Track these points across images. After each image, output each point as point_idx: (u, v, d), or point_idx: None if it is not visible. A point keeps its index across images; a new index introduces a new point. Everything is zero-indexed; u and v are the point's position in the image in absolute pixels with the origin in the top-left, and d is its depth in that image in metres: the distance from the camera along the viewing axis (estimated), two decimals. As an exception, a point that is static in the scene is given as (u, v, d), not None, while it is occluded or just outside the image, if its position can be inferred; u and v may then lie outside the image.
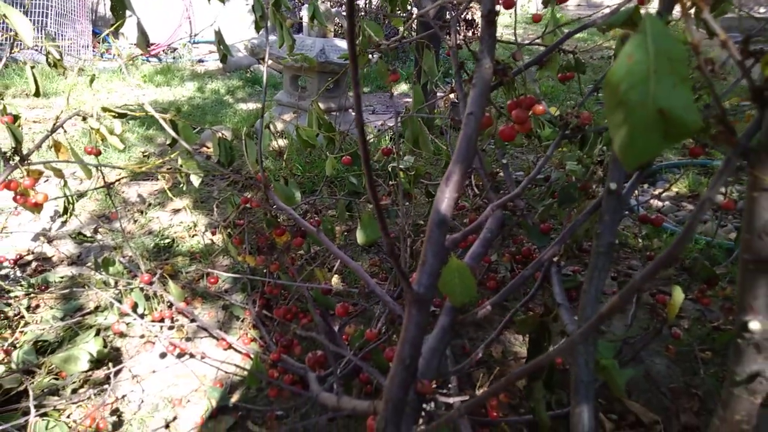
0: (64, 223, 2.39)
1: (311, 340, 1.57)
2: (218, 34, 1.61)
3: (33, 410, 1.11)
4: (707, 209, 0.34)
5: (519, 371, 0.47)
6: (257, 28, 1.73)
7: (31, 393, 1.16)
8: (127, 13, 1.24)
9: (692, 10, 0.39)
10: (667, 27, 0.36)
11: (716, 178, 0.37)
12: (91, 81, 1.71)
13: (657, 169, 3.10)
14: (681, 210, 2.75)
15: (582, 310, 0.90)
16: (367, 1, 6.81)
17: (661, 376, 1.63)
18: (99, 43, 6.27)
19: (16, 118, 1.31)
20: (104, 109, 1.43)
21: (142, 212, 2.54)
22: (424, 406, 0.83)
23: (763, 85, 0.38)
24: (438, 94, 4.10)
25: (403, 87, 5.39)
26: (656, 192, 2.89)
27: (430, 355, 0.88)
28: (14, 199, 1.13)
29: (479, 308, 0.88)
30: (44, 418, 1.25)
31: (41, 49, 4.83)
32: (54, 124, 1.22)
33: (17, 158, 1.10)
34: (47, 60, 1.56)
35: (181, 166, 1.65)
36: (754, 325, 0.42)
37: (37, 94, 1.44)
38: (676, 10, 0.78)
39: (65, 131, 1.28)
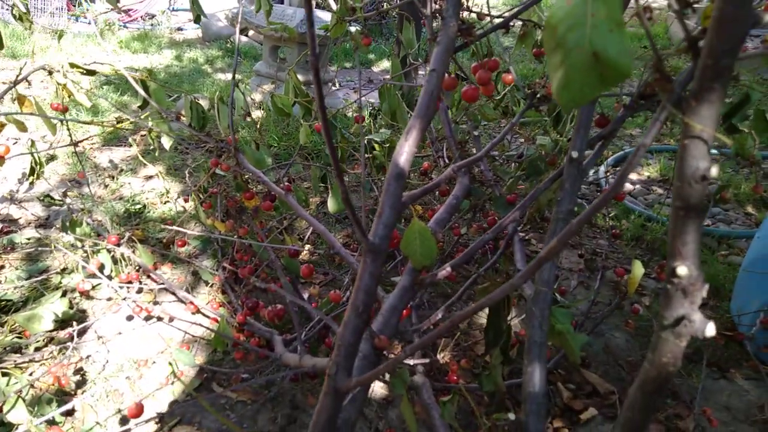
0: (31, 185, 2.34)
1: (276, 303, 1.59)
2: (192, -8, 1.57)
3: (-9, 362, 1.10)
4: (643, 153, 0.35)
5: (468, 309, 0.49)
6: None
7: (-11, 346, 1.16)
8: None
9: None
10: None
11: (652, 123, 0.38)
12: (60, 37, 1.67)
13: (629, 153, 3.15)
14: (651, 193, 2.81)
15: (540, 273, 0.93)
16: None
17: (620, 350, 1.68)
18: (74, 5, 6.07)
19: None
20: (72, 65, 1.40)
21: (113, 178, 2.50)
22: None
23: (697, 35, 0.40)
24: (419, 72, 4.08)
25: (385, 64, 5.35)
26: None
27: (390, 313, 0.89)
28: (-25, 150, 1.11)
29: (439, 269, 0.90)
30: (5, 375, 1.25)
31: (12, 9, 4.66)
32: (17, 76, 1.19)
33: (-22, 108, 1.07)
34: (12, 13, 1.52)
35: (151, 128, 1.63)
36: (682, 270, 0.44)
37: (0, 46, 1.40)
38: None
39: (29, 83, 1.25)
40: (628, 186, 2.82)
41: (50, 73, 1.33)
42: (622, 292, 1.68)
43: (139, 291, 1.69)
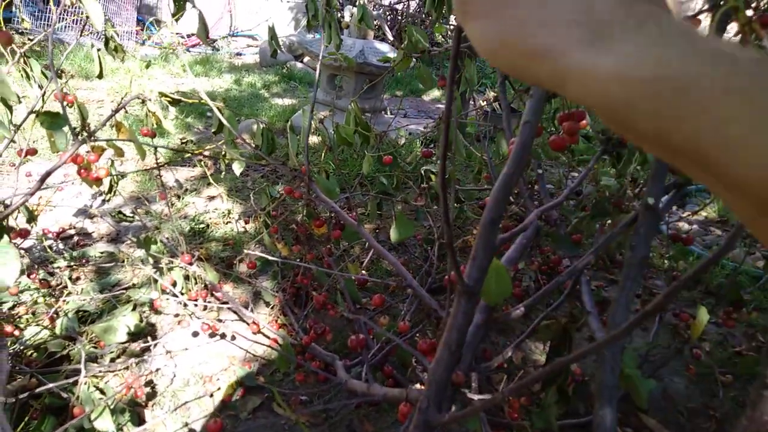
0: (104, 201, 2.48)
1: (339, 330, 1.63)
2: (272, 30, 1.67)
3: (83, 371, 1.18)
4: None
5: (539, 373, 0.51)
6: (309, 27, 1.80)
7: (83, 355, 1.23)
8: (188, 4, 1.31)
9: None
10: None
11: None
12: (147, 66, 1.80)
13: (687, 192, 3.09)
14: (709, 234, 2.75)
15: (612, 317, 0.94)
16: (405, 5, 6.88)
17: (680, 395, 1.64)
18: (142, 30, 6.44)
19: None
20: (161, 94, 1.50)
21: (178, 197, 2.63)
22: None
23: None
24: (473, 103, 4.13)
25: (435, 93, 5.43)
26: (685, 215, 2.89)
27: (464, 349, 0.92)
28: (78, 172, 1.20)
29: (513, 309, 0.92)
30: (92, 384, 1.32)
31: (93, 34, 4.97)
32: (118, 105, 1.29)
33: (85, 134, 1.17)
34: (106, 45, 1.65)
35: (223, 153, 1.72)
36: (789, 332, 0.46)
37: (100, 75, 1.52)
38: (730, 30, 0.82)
39: (126, 111, 1.35)
40: (685, 226, 2.77)
41: (143, 102, 1.43)
42: (682, 336, 1.65)
43: (204, 308, 1.76)
